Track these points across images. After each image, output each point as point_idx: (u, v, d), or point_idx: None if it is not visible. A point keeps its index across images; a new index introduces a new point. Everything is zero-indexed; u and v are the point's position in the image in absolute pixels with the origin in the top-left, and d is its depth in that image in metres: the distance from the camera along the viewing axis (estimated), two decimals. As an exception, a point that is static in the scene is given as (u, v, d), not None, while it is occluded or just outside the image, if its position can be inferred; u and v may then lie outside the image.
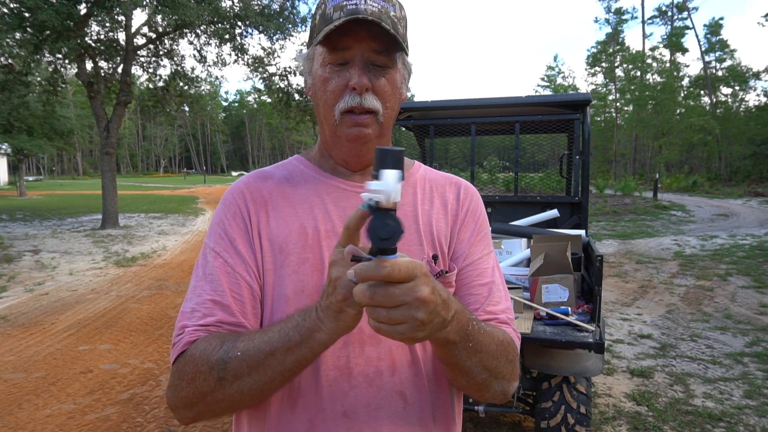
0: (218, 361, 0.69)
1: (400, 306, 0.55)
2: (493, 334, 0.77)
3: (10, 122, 15.94)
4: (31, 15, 9.64)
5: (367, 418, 0.77)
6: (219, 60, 14.14)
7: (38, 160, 68.32)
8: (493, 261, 0.91)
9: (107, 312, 5.62)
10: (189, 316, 0.77)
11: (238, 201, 0.85)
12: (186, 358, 0.73)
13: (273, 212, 0.83)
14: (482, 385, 0.77)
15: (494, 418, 3.22)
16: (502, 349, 0.77)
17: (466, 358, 0.71)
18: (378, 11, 0.75)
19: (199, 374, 0.70)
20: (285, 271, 0.80)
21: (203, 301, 0.77)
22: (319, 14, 0.80)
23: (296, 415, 0.78)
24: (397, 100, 0.83)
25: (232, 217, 0.83)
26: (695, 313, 5.68)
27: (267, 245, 0.81)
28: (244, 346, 0.68)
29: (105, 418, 3.25)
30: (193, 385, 0.71)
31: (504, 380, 0.80)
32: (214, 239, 0.83)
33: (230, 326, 0.76)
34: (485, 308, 0.85)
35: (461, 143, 5.16)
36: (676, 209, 17.45)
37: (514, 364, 0.81)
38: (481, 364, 0.74)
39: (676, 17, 45.17)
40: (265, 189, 0.86)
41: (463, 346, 0.69)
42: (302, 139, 75.53)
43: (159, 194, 28.03)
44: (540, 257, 2.70)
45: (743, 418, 3.28)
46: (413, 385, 0.81)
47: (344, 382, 0.77)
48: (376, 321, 0.56)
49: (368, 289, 0.54)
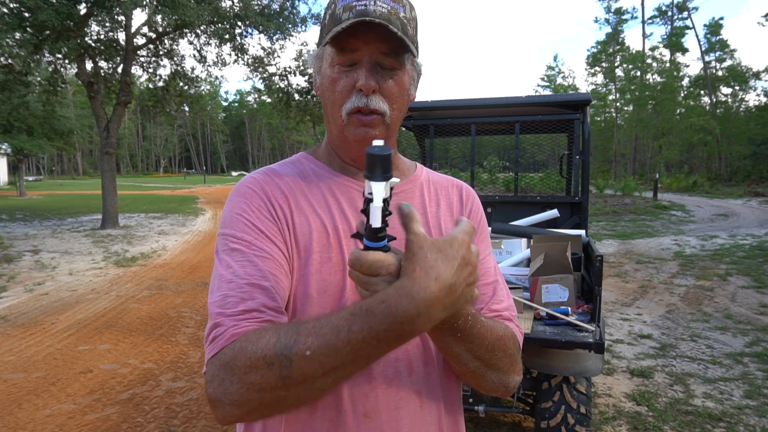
0: (277, 360, 0.61)
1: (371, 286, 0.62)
2: (493, 328, 0.77)
3: (10, 122, 15.92)
4: (31, 15, 9.64)
5: (388, 419, 0.78)
6: (219, 60, 14.15)
7: (38, 160, 68.32)
8: (494, 261, 0.93)
9: (107, 312, 5.62)
10: (222, 304, 0.70)
11: (260, 194, 0.81)
12: (236, 350, 0.65)
13: (296, 209, 0.82)
14: (476, 373, 0.78)
15: (494, 418, 3.22)
16: (501, 344, 0.78)
17: (454, 344, 0.73)
18: (387, 12, 0.75)
19: (252, 372, 0.63)
20: (308, 270, 0.79)
21: (239, 286, 0.71)
22: (329, 14, 0.79)
23: (317, 417, 0.77)
24: (404, 102, 0.83)
25: (258, 209, 0.79)
26: (695, 313, 5.68)
27: (293, 241, 0.80)
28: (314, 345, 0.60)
29: (105, 418, 3.25)
30: (243, 383, 0.63)
31: (501, 372, 0.80)
32: (239, 227, 0.77)
33: (273, 312, 0.71)
34: (490, 307, 0.87)
35: (461, 143, 5.16)
36: (676, 209, 17.46)
37: (513, 358, 0.82)
38: (471, 354, 0.75)
39: (676, 17, 45.19)
40: (283, 185, 0.84)
41: (450, 334, 0.71)
42: (302, 139, 75.48)
43: (159, 194, 28.03)
44: (540, 257, 2.70)
45: (743, 418, 3.28)
46: (427, 385, 0.82)
47: (365, 383, 0.78)
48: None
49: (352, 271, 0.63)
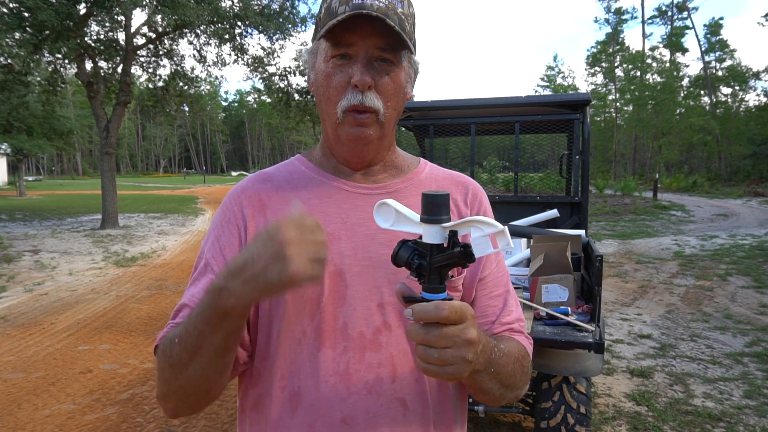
0: (167, 351, 0.71)
1: (451, 347, 0.58)
2: (511, 353, 0.77)
3: (10, 122, 15.90)
4: (31, 15, 9.64)
5: (366, 425, 0.76)
6: (219, 60, 14.14)
7: (38, 160, 68.28)
8: (504, 267, 0.91)
9: (107, 312, 5.61)
10: (174, 314, 0.80)
11: (233, 207, 0.84)
12: (158, 351, 0.76)
13: (272, 217, 0.82)
14: (500, 397, 0.79)
15: (494, 418, 3.21)
16: (519, 366, 0.79)
17: (487, 381, 0.73)
18: (385, 7, 0.74)
19: (161, 366, 0.73)
20: None
21: (185, 304, 0.79)
22: (325, 7, 0.78)
23: (296, 421, 0.77)
24: (400, 100, 0.81)
25: (226, 224, 0.83)
26: (695, 313, 5.68)
27: None
28: (179, 332, 0.69)
29: (105, 418, 3.25)
30: (161, 378, 0.74)
31: (518, 389, 0.81)
32: (208, 245, 0.83)
33: None
34: (501, 320, 0.86)
35: (461, 143, 5.15)
36: (675, 209, 17.46)
37: (528, 373, 0.83)
38: (499, 383, 0.75)
39: (676, 17, 45.21)
40: (264, 193, 0.85)
41: (486, 373, 0.71)
42: (302, 139, 75.46)
43: (159, 194, 28.01)
44: (540, 257, 2.70)
45: (743, 418, 3.28)
46: (414, 392, 0.80)
47: (343, 388, 0.77)
48: (426, 362, 0.59)
49: (422, 329, 0.58)
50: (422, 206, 0.60)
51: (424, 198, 0.60)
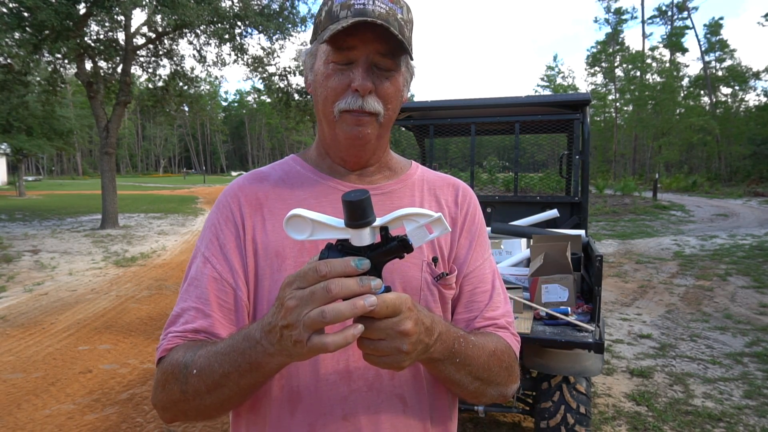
0: (180, 375, 0.71)
1: (384, 338, 0.59)
2: (485, 346, 0.77)
3: (10, 122, 15.90)
4: (31, 15, 9.63)
5: (368, 422, 0.77)
6: (219, 60, 14.13)
7: (37, 160, 68.29)
8: (492, 265, 0.92)
9: (107, 312, 5.61)
10: (174, 320, 0.79)
11: (231, 205, 0.84)
12: (163, 364, 0.75)
13: (269, 216, 0.83)
14: (476, 392, 0.79)
15: (494, 418, 3.22)
16: (495, 359, 0.78)
17: (454, 372, 0.73)
18: (386, 13, 0.74)
19: (168, 384, 0.73)
20: (282, 275, 0.79)
21: (188, 308, 0.78)
22: (325, 10, 0.78)
23: (296, 420, 0.77)
24: (398, 102, 0.83)
25: (224, 222, 0.83)
26: (695, 313, 5.68)
27: (262, 250, 0.81)
28: (200, 364, 0.68)
29: (104, 418, 3.25)
30: (164, 392, 0.74)
31: (500, 386, 0.81)
32: (205, 243, 0.83)
33: (207, 335, 0.77)
34: (484, 314, 0.86)
35: (461, 143, 5.16)
36: (675, 209, 17.46)
37: (510, 369, 0.82)
38: (470, 375, 0.75)
39: (676, 17, 45.22)
40: (260, 191, 0.85)
41: (450, 362, 0.71)
42: (302, 139, 75.44)
43: (158, 194, 28.01)
44: (540, 257, 2.70)
45: (743, 418, 3.28)
46: (412, 388, 0.81)
47: (344, 385, 0.77)
48: (364, 352, 0.62)
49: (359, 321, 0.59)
50: (346, 212, 0.58)
51: (346, 203, 0.58)
